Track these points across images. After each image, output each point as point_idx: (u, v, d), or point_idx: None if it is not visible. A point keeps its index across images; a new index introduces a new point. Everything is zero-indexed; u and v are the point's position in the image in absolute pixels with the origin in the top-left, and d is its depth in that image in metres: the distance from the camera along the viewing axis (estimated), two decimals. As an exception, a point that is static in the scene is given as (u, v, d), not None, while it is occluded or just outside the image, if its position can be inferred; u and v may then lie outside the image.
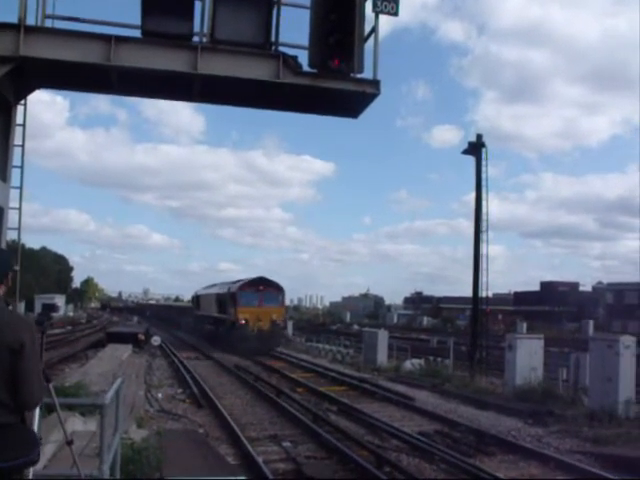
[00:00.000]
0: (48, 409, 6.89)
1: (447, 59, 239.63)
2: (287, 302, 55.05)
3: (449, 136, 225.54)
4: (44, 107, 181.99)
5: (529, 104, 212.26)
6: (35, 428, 4.36)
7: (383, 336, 28.94)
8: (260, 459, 11.18)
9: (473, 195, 25.06)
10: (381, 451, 12.06)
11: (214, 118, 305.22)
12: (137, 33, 8.24)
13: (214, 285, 48.39)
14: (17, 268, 8.03)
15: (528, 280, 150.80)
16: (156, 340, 32.52)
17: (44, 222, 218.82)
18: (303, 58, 8.44)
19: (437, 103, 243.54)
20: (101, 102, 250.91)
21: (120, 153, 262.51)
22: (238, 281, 38.94)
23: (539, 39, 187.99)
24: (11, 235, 9.34)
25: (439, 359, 27.48)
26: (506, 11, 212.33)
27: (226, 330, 37.29)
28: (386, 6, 8.36)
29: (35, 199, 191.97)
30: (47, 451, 7.74)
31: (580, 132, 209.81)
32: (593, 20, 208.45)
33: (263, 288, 36.18)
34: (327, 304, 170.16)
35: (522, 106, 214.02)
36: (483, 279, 24.36)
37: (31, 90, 8.96)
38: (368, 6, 8.41)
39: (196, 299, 53.21)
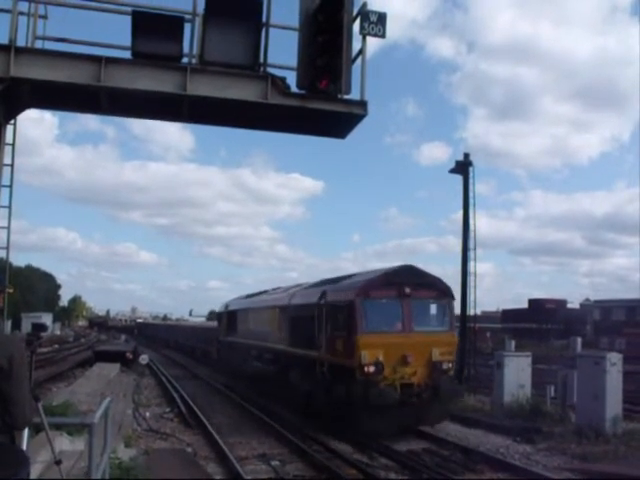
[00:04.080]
0: (36, 429, 6.88)
1: (436, 76, 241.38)
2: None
3: (438, 153, 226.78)
4: (33, 124, 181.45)
5: (519, 121, 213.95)
6: (24, 448, 4.37)
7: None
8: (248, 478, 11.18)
9: (462, 212, 25.31)
10: (370, 469, 12.06)
11: (203, 136, 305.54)
12: (127, 54, 8.34)
13: (267, 292, 27.71)
14: (10, 290, 8.05)
15: (516, 298, 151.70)
16: (144, 359, 32.32)
17: (32, 240, 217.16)
18: (291, 79, 8.57)
19: (426, 120, 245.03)
20: (90, 120, 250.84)
21: (108, 170, 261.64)
22: (350, 276, 18.78)
23: (529, 56, 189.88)
24: (-1, 254, 9.35)
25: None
26: (496, 28, 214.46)
27: (321, 385, 16.79)
28: (373, 28, 8.51)
29: (22, 216, 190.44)
30: (35, 471, 7.70)
31: (569, 150, 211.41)
32: (583, 38, 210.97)
33: (411, 291, 16.28)
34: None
35: (512, 123, 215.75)
36: (471, 297, 24.52)
37: (21, 110, 9.03)
38: (356, 27, 8.56)
39: (227, 317, 31.37)
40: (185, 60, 8.44)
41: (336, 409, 15.76)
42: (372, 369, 15.07)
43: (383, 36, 8.61)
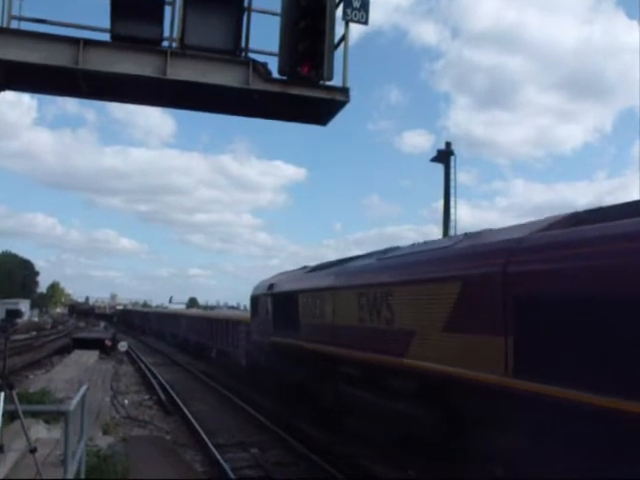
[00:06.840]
0: (11, 416, 6.79)
1: (420, 63, 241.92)
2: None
3: (421, 141, 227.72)
4: (10, 107, 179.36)
5: (502, 110, 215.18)
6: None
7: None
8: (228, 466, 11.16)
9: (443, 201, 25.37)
10: (354, 459, 12.00)
11: (184, 121, 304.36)
12: (106, 37, 8.18)
13: (369, 256, 12.67)
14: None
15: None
16: (123, 346, 32.15)
17: (9, 225, 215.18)
18: (273, 65, 8.47)
19: (409, 107, 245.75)
20: (69, 103, 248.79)
21: (88, 155, 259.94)
22: None
23: (514, 44, 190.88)
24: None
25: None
26: (481, 15, 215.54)
27: None
28: (356, 15, 8.43)
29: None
30: (9, 459, 7.63)
31: (552, 140, 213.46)
32: (569, 27, 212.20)
33: None
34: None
35: (495, 112, 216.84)
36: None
37: (-3, 92, 8.84)
38: (339, 13, 8.48)
39: (273, 306, 18.06)
40: (165, 44, 8.31)
41: None
42: None
43: (366, 23, 8.54)
